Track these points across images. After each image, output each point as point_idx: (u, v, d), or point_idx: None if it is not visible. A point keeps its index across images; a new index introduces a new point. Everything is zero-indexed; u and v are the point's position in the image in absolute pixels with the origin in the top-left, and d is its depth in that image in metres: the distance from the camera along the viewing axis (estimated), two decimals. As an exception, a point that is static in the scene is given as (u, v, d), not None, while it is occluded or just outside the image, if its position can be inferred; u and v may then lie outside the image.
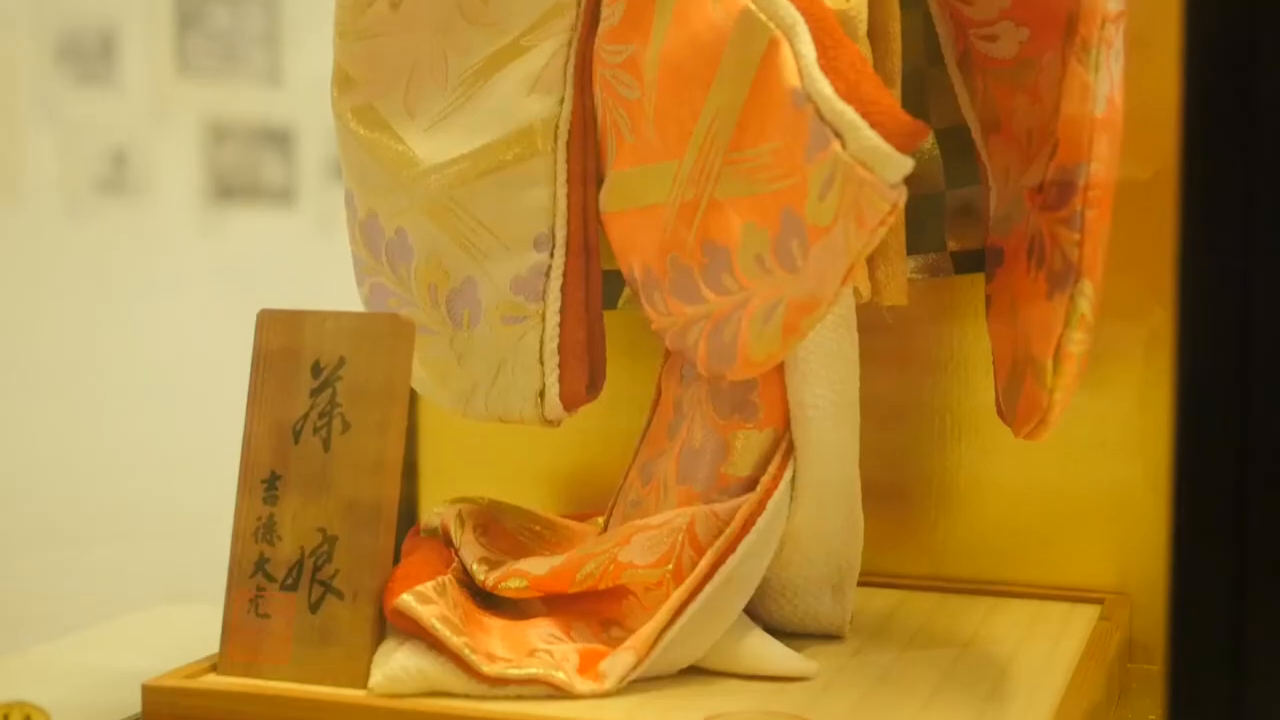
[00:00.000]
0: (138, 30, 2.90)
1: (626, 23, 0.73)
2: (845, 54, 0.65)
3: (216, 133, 2.93)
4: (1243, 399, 0.81)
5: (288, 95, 2.99)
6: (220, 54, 3.00)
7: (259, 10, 3.01)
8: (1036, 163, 0.70)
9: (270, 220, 2.95)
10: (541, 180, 0.76)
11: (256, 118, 2.97)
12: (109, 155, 2.82)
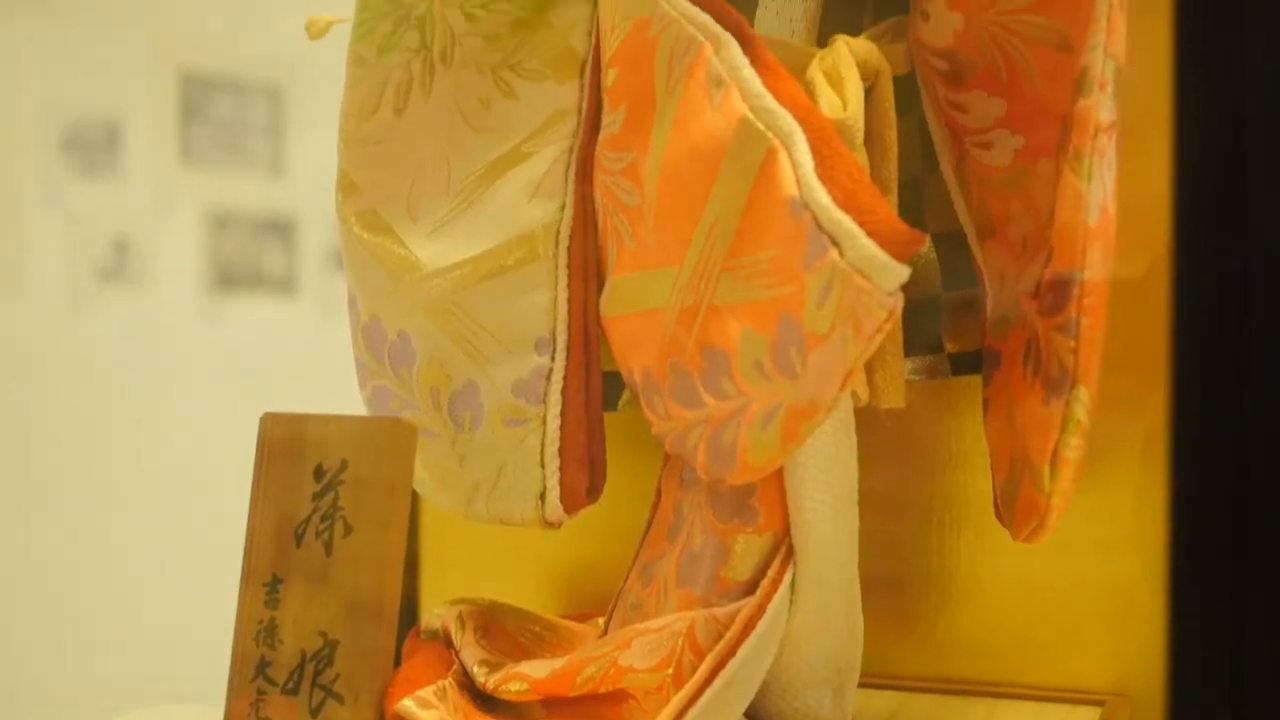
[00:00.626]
0: (142, 120, 2.93)
1: (627, 130, 0.74)
2: (842, 163, 0.66)
3: (219, 222, 2.95)
4: (1238, 496, 0.82)
5: (290, 185, 3.01)
6: (224, 144, 3.03)
7: (263, 101, 3.05)
8: (1032, 268, 0.71)
9: (271, 309, 2.96)
10: (543, 284, 0.77)
11: (259, 207, 2.99)
12: (111, 244, 2.84)
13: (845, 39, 0.74)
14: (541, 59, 0.79)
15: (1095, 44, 0.66)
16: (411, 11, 0.79)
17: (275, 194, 2.99)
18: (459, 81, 0.80)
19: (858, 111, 0.71)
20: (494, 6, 0.79)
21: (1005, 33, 0.72)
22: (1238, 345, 0.83)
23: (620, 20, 0.75)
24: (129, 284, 2.82)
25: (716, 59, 0.70)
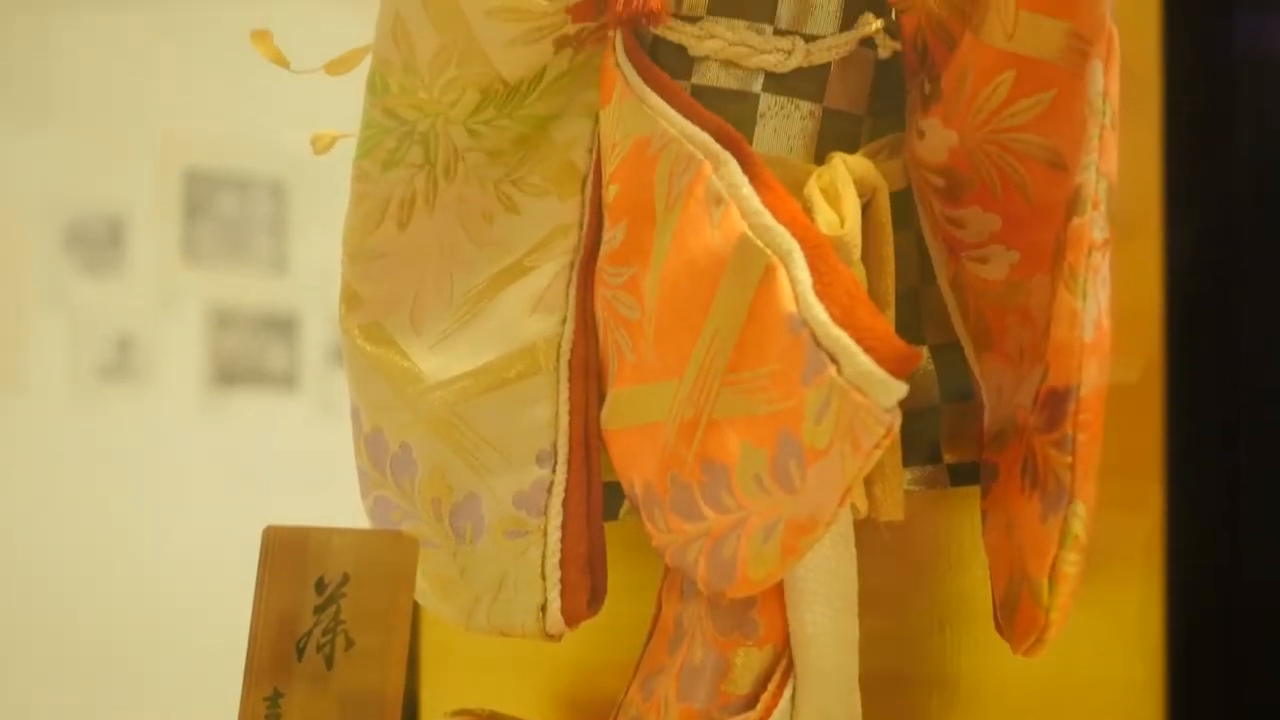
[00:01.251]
0: (146, 217, 2.95)
1: (628, 245, 0.76)
2: (840, 280, 0.68)
3: (221, 319, 2.96)
4: (1236, 600, 0.82)
5: (292, 282, 3.03)
6: (227, 241, 3.05)
7: (266, 198, 3.07)
8: (1028, 381, 0.72)
9: (272, 405, 2.97)
10: (544, 398, 0.78)
11: (261, 304, 3.01)
12: (113, 341, 2.86)
13: (842, 156, 0.75)
14: (543, 174, 0.80)
15: (1088, 163, 0.67)
16: (415, 128, 0.80)
17: (277, 291, 3.00)
18: (462, 196, 0.81)
19: (855, 228, 0.72)
20: (497, 123, 0.80)
21: (1000, 150, 0.73)
22: (1232, 448, 0.83)
23: (621, 138, 0.76)
24: (130, 381, 2.83)
25: (716, 177, 0.72)
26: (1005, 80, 0.72)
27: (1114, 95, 0.68)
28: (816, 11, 0.75)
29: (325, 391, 2.98)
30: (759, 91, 0.75)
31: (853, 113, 0.78)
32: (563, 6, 0.78)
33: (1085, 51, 0.69)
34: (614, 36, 0.78)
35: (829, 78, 0.76)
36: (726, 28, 0.75)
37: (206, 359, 2.91)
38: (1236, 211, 0.83)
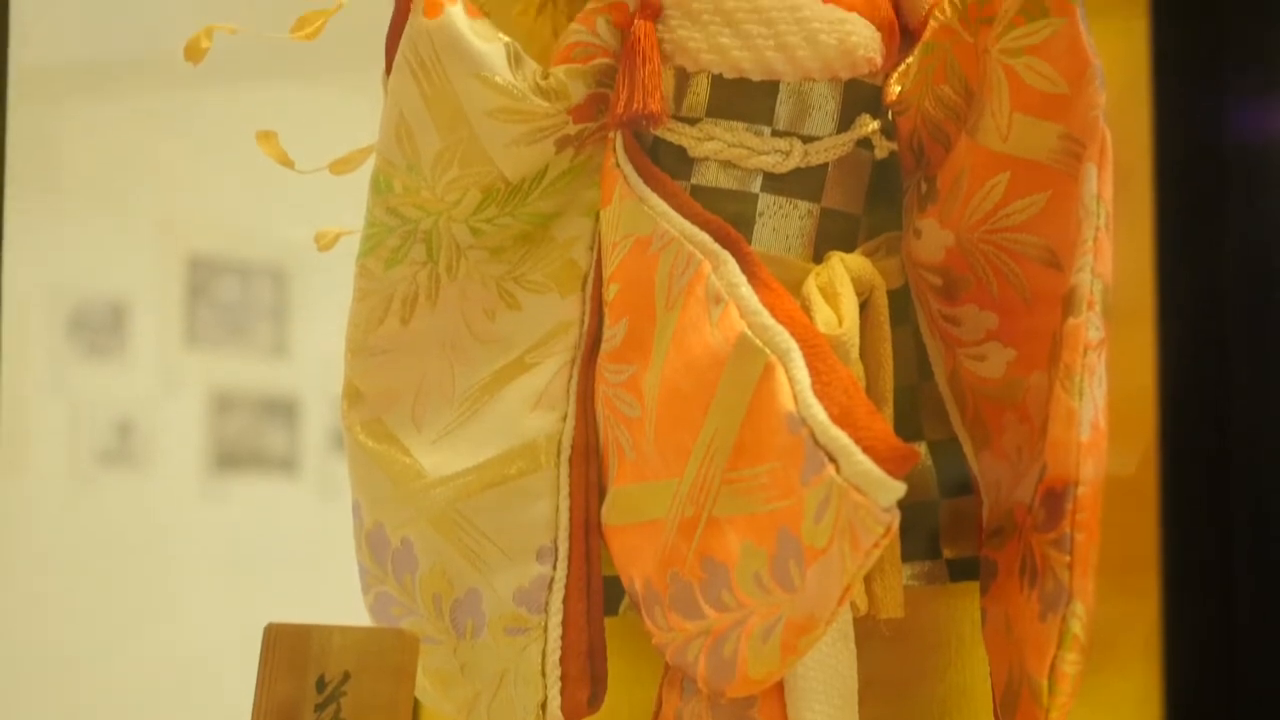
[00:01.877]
0: (149, 302, 2.96)
1: (628, 344, 0.76)
2: (838, 379, 0.68)
3: (222, 403, 2.97)
4: (1233, 695, 0.82)
5: (293, 366, 3.04)
6: (228, 326, 3.06)
7: (268, 283, 3.09)
8: (1026, 480, 0.72)
9: (272, 489, 2.97)
10: (544, 494, 0.78)
11: (262, 388, 3.01)
12: (114, 426, 2.86)
13: (840, 255, 0.76)
14: (545, 272, 0.81)
15: (1083, 265, 0.68)
16: (418, 226, 0.81)
17: (278, 375, 3.01)
18: (464, 293, 0.82)
19: (853, 327, 0.73)
20: (499, 220, 0.81)
21: (996, 249, 0.74)
22: (1229, 541, 0.83)
23: (621, 237, 0.77)
24: (131, 466, 2.82)
25: (715, 276, 0.73)
26: (1000, 181, 0.73)
27: (1108, 198, 0.69)
28: (814, 113, 0.77)
29: (325, 475, 2.98)
30: (757, 191, 0.76)
31: (850, 212, 0.79)
32: (564, 108, 0.79)
33: (1079, 154, 0.70)
34: (614, 137, 0.79)
35: (826, 178, 0.77)
36: (725, 129, 0.76)
37: (207, 443, 2.91)
38: (1230, 301, 0.84)
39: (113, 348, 2.91)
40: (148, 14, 2.32)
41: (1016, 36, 0.71)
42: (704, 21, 0.76)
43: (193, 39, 0.76)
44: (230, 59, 0.80)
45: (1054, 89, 0.70)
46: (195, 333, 2.99)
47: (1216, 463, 0.82)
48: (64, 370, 2.85)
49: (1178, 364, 0.83)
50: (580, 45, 0.81)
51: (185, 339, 2.98)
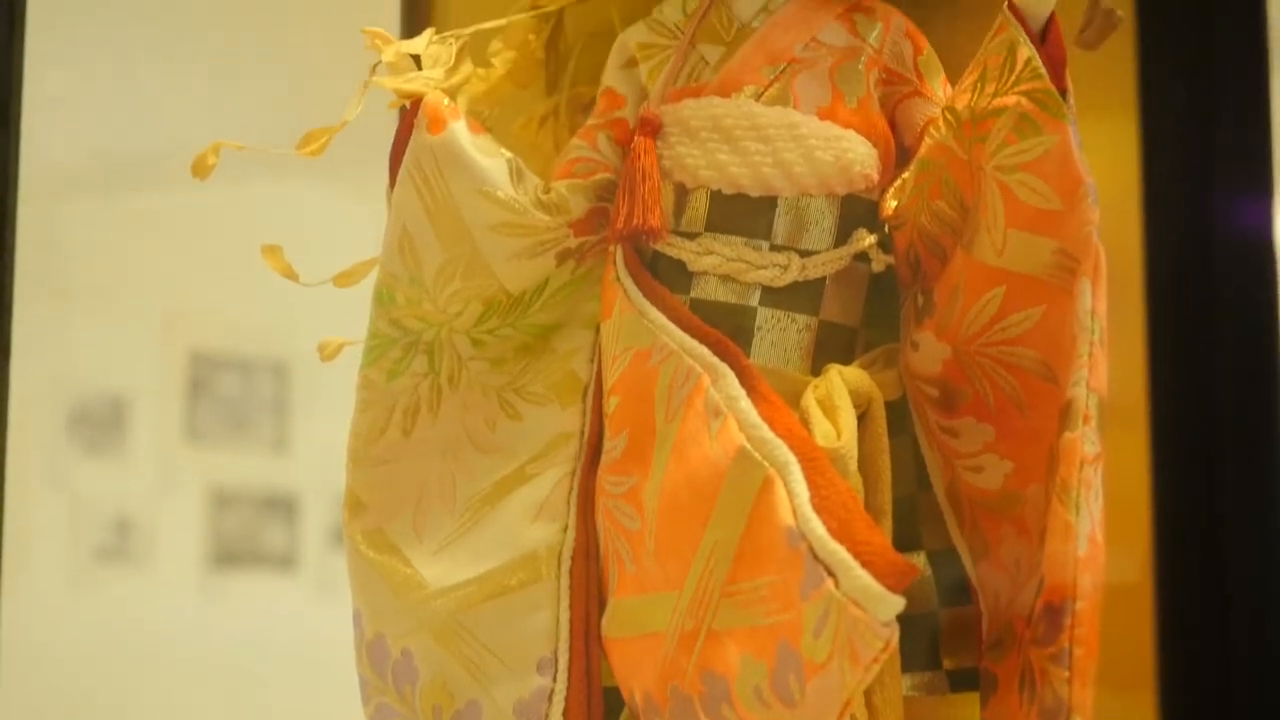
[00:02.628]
0: (149, 398, 2.97)
1: (628, 455, 0.77)
2: (837, 492, 0.69)
3: (221, 500, 2.96)
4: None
5: (293, 462, 3.04)
6: (229, 421, 3.06)
7: (269, 378, 3.09)
8: (1025, 592, 0.73)
9: (271, 586, 2.96)
10: (545, 605, 0.78)
11: (262, 484, 3.01)
12: (112, 524, 2.85)
13: (838, 368, 0.77)
14: (545, 383, 0.82)
15: (1079, 379, 0.69)
16: (420, 337, 0.82)
17: (278, 471, 3.01)
18: (466, 404, 0.83)
19: (851, 440, 0.73)
20: (500, 332, 0.82)
21: (993, 362, 0.75)
22: (1224, 656, 0.83)
23: (621, 350, 0.78)
24: (129, 563, 2.82)
25: (714, 389, 0.73)
26: (996, 295, 0.74)
27: (1102, 313, 0.70)
28: (811, 228, 0.78)
29: (325, 572, 2.97)
30: (756, 305, 0.77)
31: (848, 325, 0.80)
32: (565, 221, 0.80)
33: (1073, 269, 0.71)
34: (615, 251, 0.80)
35: (824, 292, 0.78)
36: (724, 244, 0.77)
37: (206, 540, 2.91)
38: (1222, 403, 0.84)
39: (112, 444, 2.91)
40: (154, 116, 2.35)
41: (1010, 154, 0.72)
42: (702, 138, 0.77)
43: (199, 156, 0.78)
44: (234, 158, 0.81)
45: (1048, 205, 0.71)
46: (196, 429, 3.00)
47: (1211, 569, 0.83)
48: (63, 467, 2.85)
49: (1171, 469, 0.83)
50: (581, 160, 0.82)
51: (185, 435, 2.98)
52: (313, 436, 3.01)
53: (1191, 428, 0.84)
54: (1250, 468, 0.84)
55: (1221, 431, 0.84)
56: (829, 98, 0.78)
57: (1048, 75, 0.71)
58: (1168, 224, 0.85)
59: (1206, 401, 0.84)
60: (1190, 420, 0.84)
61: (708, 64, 0.80)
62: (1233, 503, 0.84)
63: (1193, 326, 0.84)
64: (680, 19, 0.82)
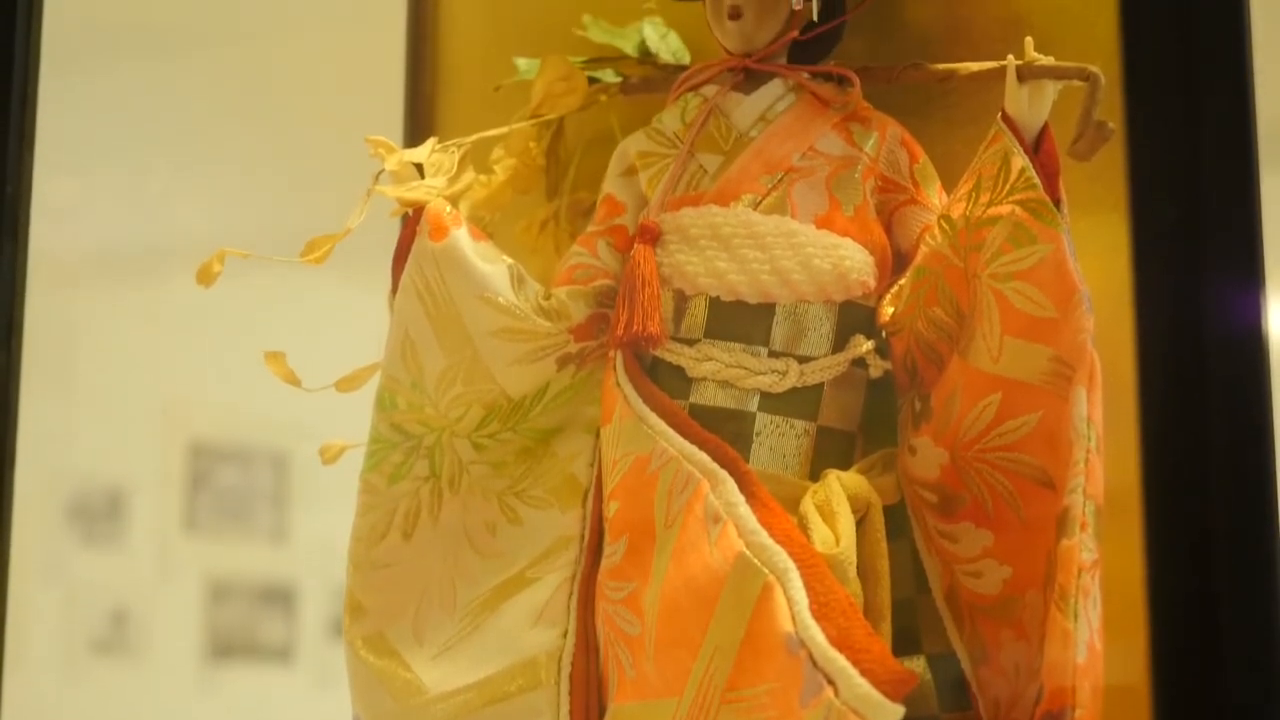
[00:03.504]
0: (148, 489, 2.96)
1: (628, 561, 0.77)
2: (836, 599, 0.69)
3: (218, 591, 2.95)
4: None
5: (292, 553, 3.03)
6: (227, 512, 3.06)
7: (268, 469, 3.09)
8: (1025, 699, 0.73)
9: (268, 678, 2.94)
10: (545, 711, 0.78)
11: (260, 575, 3.00)
12: (109, 615, 2.84)
13: (836, 473, 0.77)
14: (546, 487, 0.82)
15: (1075, 486, 0.69)
16: (421, 442, 0.82)
17: (276, 562, 3.00)
18: (466, 507, 0.83)
19: (850, 546, 0.74)
20: (501, 436, 0.83)
21: (990, 468, 0.75)
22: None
23: (621, 455, 0.78)
24: (125, 655, 2.80)
25: (713, 495, 0.74)
26: (993, 402, 0.74)
27: (1098, 420, 0.70)
28: (809, 334, 0.78)
29: (322, 664, 2.95)
30: (755, 411, 0.78)
31: (846, 430, 0.80)
32: (565, 327, 0.81)
33: (1069, 377, 0.72)
34: (614, 356, 0.81)
35: (822, 397, 0.79)
36: (723, 350, 0.78)
37: (203, 632, 2.89)
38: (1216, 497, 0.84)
39: (110, 535, 2.91)
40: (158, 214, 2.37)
41: (1005, 262, 0.73)
42: (701, 246, 0.78)
43: (205, 265, 0.79)
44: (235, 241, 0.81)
45: (1043, 313, 0.72)
46: (194, 519, 2.99)
47: (1209, 667, 0.82)
48: (61, 558, 2.85)
49: (1167, 562, 0.84)
50: (582, 267, 0.83)
51: (184, 525, 2.97)
52: (312, 527, 3.00)
53: (1186, 521, 0.84)
54: (1246, 562, 0.84)
55: (1216, 525, 0.84)
56: (826, 206, 0.79)
57: (1041, 185, 0.72)
58: (1159, 317, 0.85)
59: (1200, 495, 0.85)
60: (1185, 514, 0.85)
61: (706, 172, 0.81)
62: (1229, 598, 0.84)
63: (1185, 420, 0.84)
64: (679, 128, 0.83)
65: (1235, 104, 0.84)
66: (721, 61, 0.84)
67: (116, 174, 2.06)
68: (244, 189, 2.05)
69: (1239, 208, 0.84)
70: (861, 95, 0.82)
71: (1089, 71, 0.74)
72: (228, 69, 1.69)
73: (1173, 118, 0.85)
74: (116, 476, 2.91)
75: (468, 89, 1.06)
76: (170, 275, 2.67)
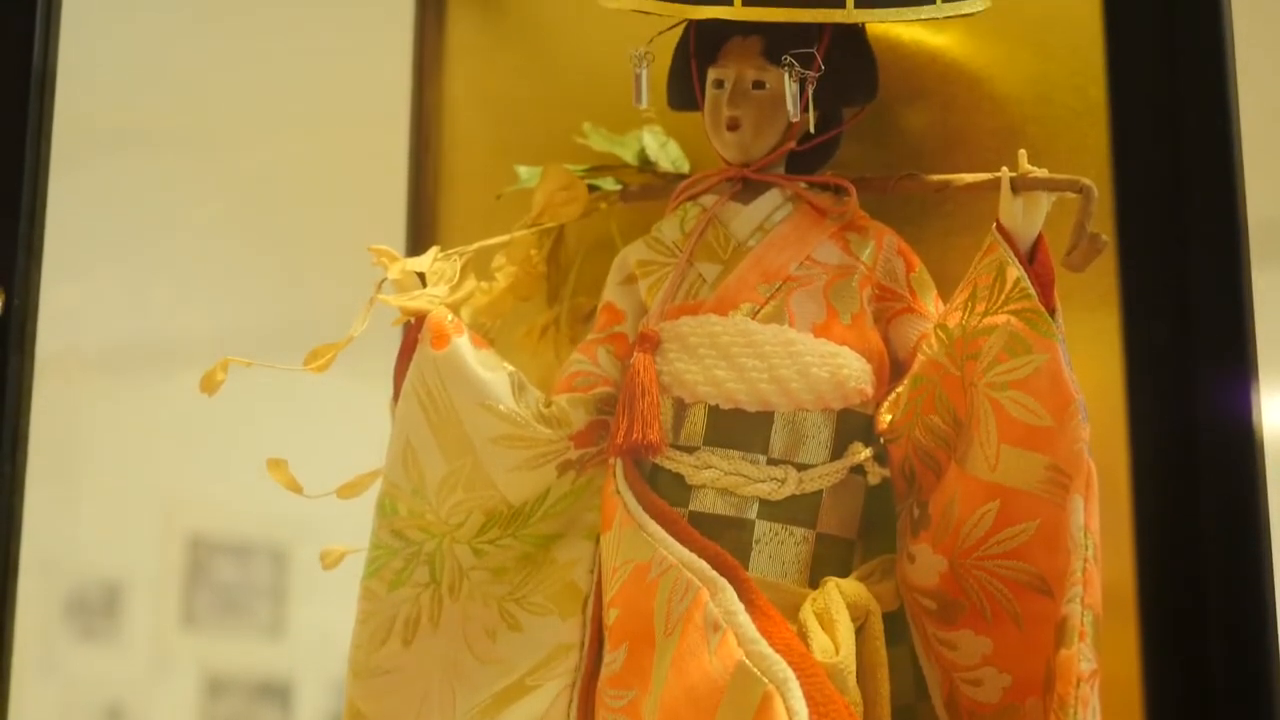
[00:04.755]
0: (145, 584, 2.95)
1: (628, 669, 0.77)
2: (835, 709, 0.69)
3: (215, 686, 2.93)
4: None
5: (290, 648, 3.01)
6: (225, 606, 3.04)
7: (267, 563, 3.08)
8: (1026, 807, 0.73)
9: (264, 776, 2.91)
10: (545, 818, 0.78)
11: (257, 670, 2.98)
12: (106, 710, 2.82)
13: (836, 580, 0.77)
14: (545, 594, 0.82)
15: (1073, 595, 0.70)
16: (422, 548, 0.83)
17: (274, 657, 2.98)
18: (466, 614, 0.83)
19: (849, 654, 0.74)
20: (501, 542, 0.83)
21: (989, 575, 0.76)
22: None
23: (621, 563, 0.78)
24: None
25: (713, 603, 0.74)
26: (990, 510, 0.75)
27: (1095, 529, 0.71)
28: (808, 442, 0.79)
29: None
30: (754, 518, 0.78)
31: (845, 537, 0.80)
32: (566, 434, 0.82)
33: (1066, 485, 0.72)
34: (615, 463, 0.81)
35: (821, 504, 0.79)
36: (722, 458, 0.78)
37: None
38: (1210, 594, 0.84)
39: (107, 630, 2.89)
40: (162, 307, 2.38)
41: (1001, 372, 0.73)
42: (700, 355, 0.79)
43: (208, 373, 0.79)
44: (236, 348, 0.82)
45: (1039, 422, 0.73)
46: (191, 614, 2.98)
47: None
48: (57, 653, 2.83)
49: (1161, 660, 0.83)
50: (582, 374, 0.84)
51: (181, 620, 2.96)
52: (309, 622, 2.99)
53: (1181, 618, 0.84)
54: (1242, 659, 0.84)
55: (1211, 621, 0.84)
56: (824, 315, 0.80)
57: (1036, 295, 0.73)
58: (1152, 414, 0.86)
59: (1195, 591, 0.85)
60: (1180, 610, 0.85)
61: (705, 281, 0.82)
62: (1226, 696, 0.83)
63: (1179, 516, 0.85)
64: (678, 237, 0.84)
65: (1224, 208, 0.85)
66: (720, 171, 0.85)
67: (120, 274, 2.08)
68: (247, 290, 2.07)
69: (1229, 309, 0.85)
70: (858, 204, 0.83)
71: (1082, 184, 0.75)
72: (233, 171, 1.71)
73: (1163, 220, 0.86)
74: (115, 571, 2.90)
75: (469, 194, 1.08)
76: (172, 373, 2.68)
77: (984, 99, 0.90)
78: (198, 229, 1.84)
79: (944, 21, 0.85)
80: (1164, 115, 0.84)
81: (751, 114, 0.82)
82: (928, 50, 0.92)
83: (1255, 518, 0.82)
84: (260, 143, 1.65)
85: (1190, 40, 0.83)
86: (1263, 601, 0.82)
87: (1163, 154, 0.85)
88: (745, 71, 0.82)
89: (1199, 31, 0.83)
